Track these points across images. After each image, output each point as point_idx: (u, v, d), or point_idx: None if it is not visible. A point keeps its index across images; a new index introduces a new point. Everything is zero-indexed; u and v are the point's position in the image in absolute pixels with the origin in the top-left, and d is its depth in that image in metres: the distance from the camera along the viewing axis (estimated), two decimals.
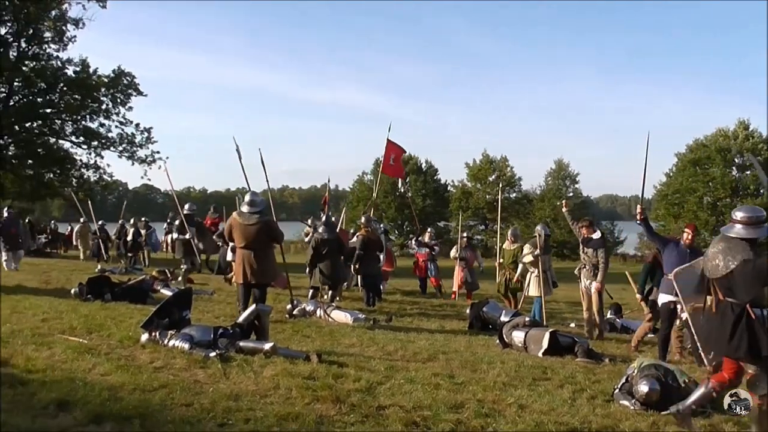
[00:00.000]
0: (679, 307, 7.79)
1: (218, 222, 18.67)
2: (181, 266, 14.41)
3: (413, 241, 17.08)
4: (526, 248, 11.91)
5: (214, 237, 16.21)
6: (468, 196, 48.28)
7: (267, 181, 11.41)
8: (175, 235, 14.54)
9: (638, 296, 10.04)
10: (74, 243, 24.36)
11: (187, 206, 14.94)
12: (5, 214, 18.03)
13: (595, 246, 10.27)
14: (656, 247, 8.87)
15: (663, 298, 8.32)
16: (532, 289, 11.68)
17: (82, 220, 22.50)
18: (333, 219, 13.75)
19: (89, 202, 22.39)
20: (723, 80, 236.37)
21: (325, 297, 11.91)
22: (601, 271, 10.13)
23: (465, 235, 16.46)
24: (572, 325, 11.48)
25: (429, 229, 17.95)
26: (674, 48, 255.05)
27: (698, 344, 6.63)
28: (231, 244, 11.59)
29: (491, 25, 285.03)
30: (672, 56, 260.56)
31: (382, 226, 16.68)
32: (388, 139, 15.75)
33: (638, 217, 8.35)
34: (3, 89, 31.70)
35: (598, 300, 10.27)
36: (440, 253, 16.73)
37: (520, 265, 13.05)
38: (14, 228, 17.58)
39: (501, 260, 13.36)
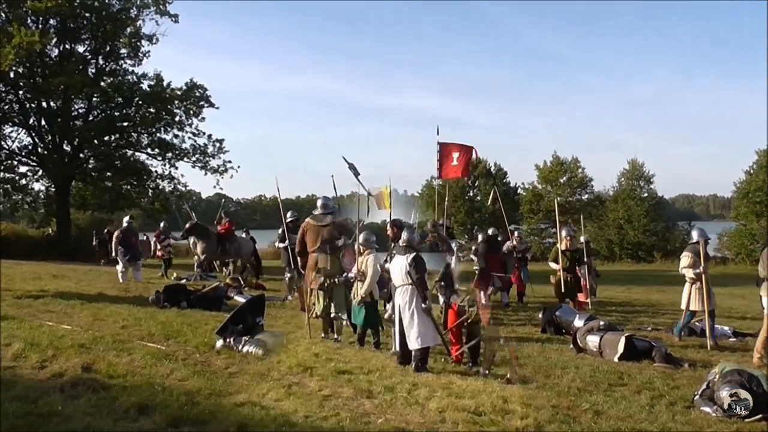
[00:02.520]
0: None
1: (229, 227, 18.54)
2: (286, 274, 14.40)
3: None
4: (685, 258, 10.25)
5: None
6: (539, 199, 47.48)
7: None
8: (278, 244, 14.77)
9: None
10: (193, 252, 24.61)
11: (289, 214, 15.09)
12: (125, 224, 17.80)
13: None
14: None
15: None
16: (693, 302, 10.07)
17: None
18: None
19: (192, 213, 22.68)
20: None
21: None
22: None
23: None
24: (649, 329, 11.15)
25: (516, 232, 16.41)
26: (748, 40, 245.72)
27: None
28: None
29: (559, 24, 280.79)
30: (747, 48, 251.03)
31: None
32: (439, 142, 15.39)
33: None
34: (83, 105, 33.01)
35: None
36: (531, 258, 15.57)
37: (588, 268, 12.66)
38: (134, 237, 17.43)
39: (563, 264, 12.30)
